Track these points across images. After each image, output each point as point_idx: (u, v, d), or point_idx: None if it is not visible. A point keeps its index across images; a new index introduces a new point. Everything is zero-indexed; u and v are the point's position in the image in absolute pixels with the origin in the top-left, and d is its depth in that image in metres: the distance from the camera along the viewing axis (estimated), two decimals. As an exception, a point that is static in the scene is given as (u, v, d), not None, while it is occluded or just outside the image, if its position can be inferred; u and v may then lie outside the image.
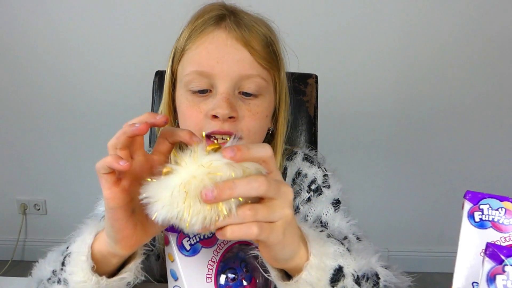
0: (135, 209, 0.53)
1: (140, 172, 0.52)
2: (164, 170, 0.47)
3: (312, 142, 1.07)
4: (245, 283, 0.61)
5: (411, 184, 2.05)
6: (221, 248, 0.61)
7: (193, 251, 0.59)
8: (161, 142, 0.54)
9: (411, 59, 1.91)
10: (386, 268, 0.63)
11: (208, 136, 0.72)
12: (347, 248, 0.58)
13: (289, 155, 0.86)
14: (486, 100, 1.94)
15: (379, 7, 1.84)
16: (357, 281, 0.57)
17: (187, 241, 0.58)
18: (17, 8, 1.88)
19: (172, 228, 0.58)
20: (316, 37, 1.87)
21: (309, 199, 0.80)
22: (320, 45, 1.88)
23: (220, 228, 0.45)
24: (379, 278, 0.61)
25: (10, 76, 1.97)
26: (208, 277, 0.59)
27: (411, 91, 1.94)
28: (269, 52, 0.75)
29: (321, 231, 0.58)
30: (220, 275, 0.60)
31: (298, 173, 0.84)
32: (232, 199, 0.44)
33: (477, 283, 0.51)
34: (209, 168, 0.44)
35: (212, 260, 0.60)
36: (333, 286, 0.55)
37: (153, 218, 0.46)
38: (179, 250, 0.58)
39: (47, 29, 1.90)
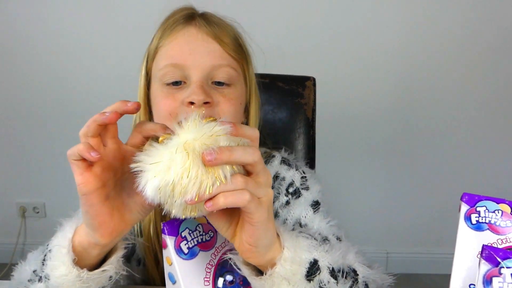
0: (109, 195, 0.54)
1: (112, 160, 0.54)
2: (161, 138, 0.47)
3: (310, 144, 1.07)
4: (242, 286, 0.61)
5: (409, 186, 2.05)
6: (219, 251, 0.61)
7: (191, 255, 0.59)
8: (134, 136, 0.55)
9: (409, 62, 1.91)
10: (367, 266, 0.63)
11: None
12: (319, 242, 0.59)
13: (266, 158, 0.86)
14: (483, 103, 1.95)
15: (377, 10, 1.85)
16: (333, 274, 0.57)
17: (185, 245, 0.59)
18: (17, 10, 1.88)
19: (170, 231, 0.58)
20: (314, 39, 1.87)
21: (287, 203, 0.80)
22: (318, 47, 1.88)
23: (210, 199, 0.46)
24: (358, 275, 0.60)
25: (9, 78, 1.97)
26: (206, 280, 0.59)
27: (409, 93, 1.95)
28: (237, 45, 0.78)
29: (292, 229, 0.59)
30: (218, 278, 0.60)
31: (276, 177, 0.83)
32: (227, 168, 0.46)
33: (474, 285, 0.51)
34: (211, 132, 0.45)
35: (210, 263, 0.60)
36: (309, 281, 0.55)
37: (141, 188, 0.46)
38: (177, 254, 0.58)
39: (46, 33, 1.90)
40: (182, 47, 0.75)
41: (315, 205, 0.79)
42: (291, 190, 0.81)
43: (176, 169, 0.44)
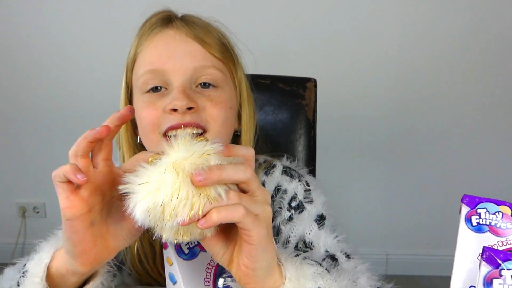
0: (95, 221, 0.50)
1: (102, 183, 0.50)
2: (151, 158, 0.45)
3: (311, 146, 1.07)
4: (243, 286, 0.61)
5: (409, 187, 2.05)
6: (219, 251, 0.61)
7: (192, 255, 0.59)
8: (131, 163, 0.51)
9: (410, 63, 1.91)
10: None
11: (166, 135, 0.68)
12: (326, 269, 0.55)
13: (267, 168, 0.80)
14: (484, 104, 1.95)
15: (378, 11, 1.85)
16: None
17: (186, 245, 0.59)
18: (19, 11, 1.88)
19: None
20: (315, 41, 1.87)
21: (290, 218, 0.74)
22: (319, 49, 1.88)
23: (203, 217, 0.43)
24: None
25: (9, 79, 1.97)
26: (207, 281, 0.59)
27: (409, 95, 1.95)
28: (222, 45, 0.72)
29: (297, 255, 0.55)
30: (218, 279, 0.60)
31: (278, 189, 0.77)
32: (220, 187, 0.44)
33: (475, 287, 0.51)
34: (202, 151, 0.44)
35: (211, 263, 0.60)
36: None
37: (130, 211, 0.44)
38: (178, 254, 0.58)
39: (45, 34, 1.90)
40: (160, 50, 0.69)
41: (320, 220, 0.73)
42: (293, 204, 0.75)
43: (165, 190, 0.42)
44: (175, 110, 0.65)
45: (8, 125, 2.03)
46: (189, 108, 0.66)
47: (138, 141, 0.75)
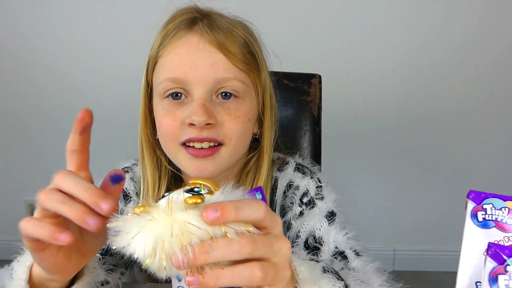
0: None
1: None
2: (137, 210, 0.41)
3: (316, 142, 1.07)
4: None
5: (416, 183, 2.04)
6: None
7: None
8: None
9: (416, 59, 1.90)
10: None
11: (185, 144, 0.68)
12: (345, 284, 0.52)
13: (280, 165, 0.81)
14: (490, 100, 1.94)
15: (383, 8, 1.84)
16: None
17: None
18: (22, 12, 1.89)
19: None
20: (319, 36, 1.87)
21: (301, 213, 0.75)
22: (324, 45, 1.88)
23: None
24: None
25: (19, 79, 1.99)
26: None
27: (415, 91, 1.94)
28: (246, 53, 0.71)
29: (317, 261, 0.52)
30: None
31: (290, 185, 0.78)
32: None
33: (481, 282, 0.51)
34: (182, 230, 0.37)
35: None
36: None
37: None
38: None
39: (53, 33, 1.91)
40: (182, 58, 0.68)
41: (330, 216, 0.74)
42: (305, 200, 0.76)
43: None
44: (193, 124, 0.66)
45: (17, 122, 2.05)
46: (208, 124, 0.66)
47: (157, 136, 0.75)
